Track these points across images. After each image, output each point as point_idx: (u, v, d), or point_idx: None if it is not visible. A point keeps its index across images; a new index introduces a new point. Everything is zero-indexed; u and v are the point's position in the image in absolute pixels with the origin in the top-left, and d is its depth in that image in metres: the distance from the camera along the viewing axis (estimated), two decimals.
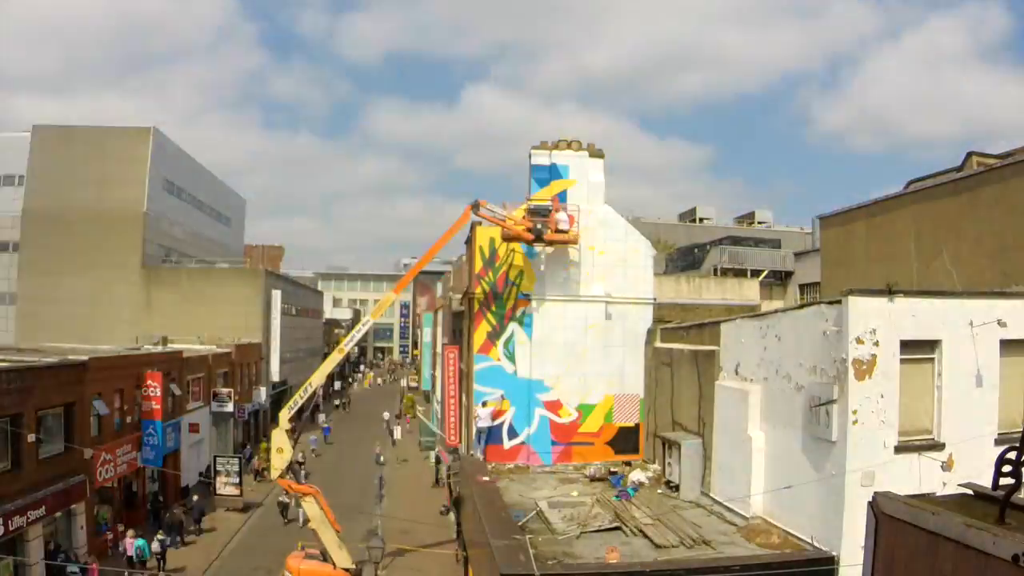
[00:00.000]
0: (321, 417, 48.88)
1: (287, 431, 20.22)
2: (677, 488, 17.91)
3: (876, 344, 12.23)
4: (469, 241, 22.86)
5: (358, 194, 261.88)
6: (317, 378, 20.90)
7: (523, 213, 20.44)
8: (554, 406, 21.65)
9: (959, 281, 16.31)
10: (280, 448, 20.04)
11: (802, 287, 33.70)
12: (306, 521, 21.26)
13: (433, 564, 22.96)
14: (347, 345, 21.11)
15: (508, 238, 20.71)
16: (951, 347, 12.67)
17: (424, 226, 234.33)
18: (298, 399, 20.45)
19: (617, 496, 17.70)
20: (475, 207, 20.12)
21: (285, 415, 20.23)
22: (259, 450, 38.56)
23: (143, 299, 43.03)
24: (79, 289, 42.15)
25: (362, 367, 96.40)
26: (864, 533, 4.78)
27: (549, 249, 21.15)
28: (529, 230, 19.98)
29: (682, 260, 42.13)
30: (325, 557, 19.95)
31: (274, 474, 20.37)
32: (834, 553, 12.28)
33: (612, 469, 20.81)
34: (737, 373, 16.38)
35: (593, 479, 20.07)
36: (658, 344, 21.43)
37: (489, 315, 21.66)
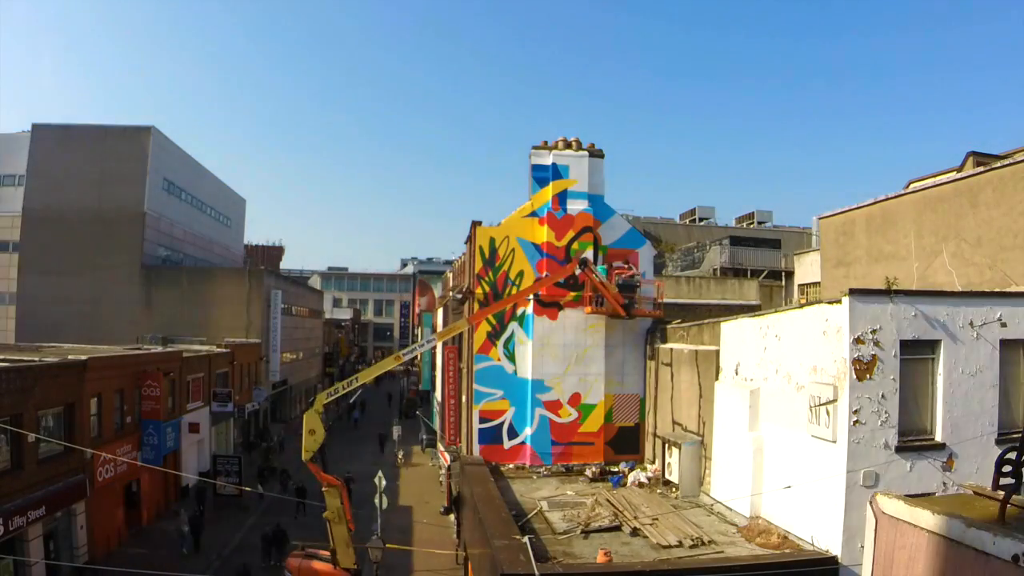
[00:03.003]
0: None
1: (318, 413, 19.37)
2: (677, 488, 17.90)
3: (876, 344, 12.24)
4: (469, 240, 22.87)
5: None
6: (365, 375, 20.45)
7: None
8: (554, 406, 21.65)
9: (959, 281, 16.32)
10: (312, 430, 19.21)
11: (802, 287, 33.69)
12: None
13: (433, 564, 22.96)
14: (406, 355, 20.77)
15: (596, 303, 21.39)
16: (951, 347, 12.67)
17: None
18: (340, 387, 19.91)
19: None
20: (583, 263, 20.70)
21: (322, 398, 19.53)
22: (260, 451, 38.62)
23: (143, 299, 43.04)
24: (79, 289, 42.17)
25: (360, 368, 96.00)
26: (864, 533, 4.78)
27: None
28: (622, 306, 20.89)
29: (682, 260, 42.14)
30: (331, 557, 19.76)
31: (305, 456, 19.59)
32: (834, 553, 12.28)
33: (612, 469, 20.84)
34: (737, 373, 16.38)
35: (593, 479, 20.09)
36: (658, 344, 21.44)
37: (489, 315, 21.66)
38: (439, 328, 41.97)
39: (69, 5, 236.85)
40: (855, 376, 12.16)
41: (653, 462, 20.73)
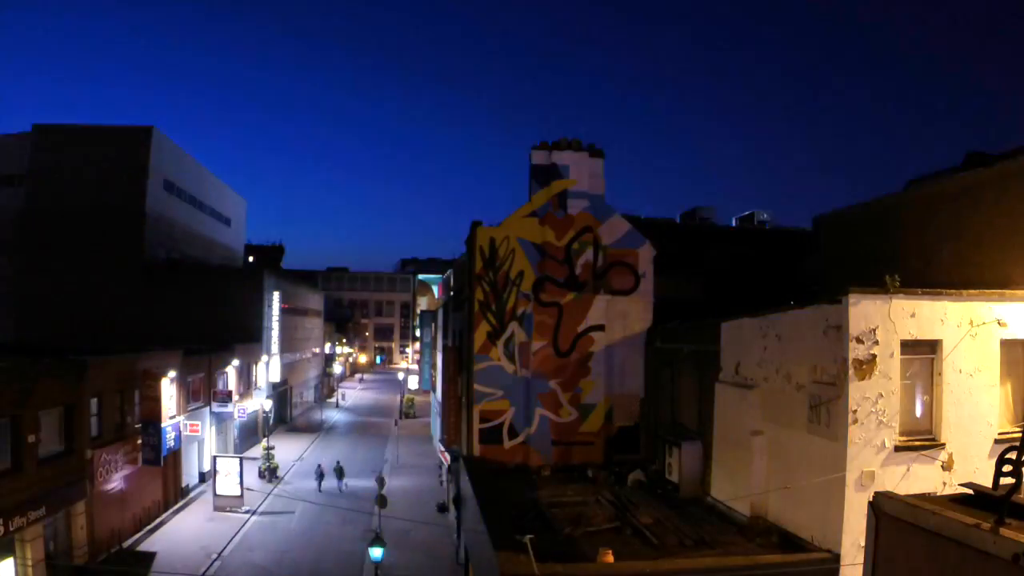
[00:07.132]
0: None
1: None
2: (677, 488, 17.89)
3: (876, 344, 12.23)
4: (469, 240, 22.86)
5: None
6: None
7: None
8: (554, 406, 21.64)
9: (959, 281, 16.30)
10: None
11: None
12: None
13: (432, 564, 22.97)
14: None
15: None
16: (951, 347, 12.66)
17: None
18: None
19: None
20: None
21: None
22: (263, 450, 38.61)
23: (143, 299, 43.05)
24: (79, 289, 42.17)
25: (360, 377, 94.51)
26: (864, 533, 4.78)
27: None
28: None
29: None
30: None
31: None
32: (834, 553, 12.28)
33: (614, 469, 20.82)
34: (737, 373, 16.37)
35: (593, 479, 20.07)
36: (658, 344, 21.43)
37: (489, 315, 21.65)
38: (439, 327, 41.96)
39: (69, 5, 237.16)
40: (855, 376, 12.16)
41: (653, 462, 20.72)
